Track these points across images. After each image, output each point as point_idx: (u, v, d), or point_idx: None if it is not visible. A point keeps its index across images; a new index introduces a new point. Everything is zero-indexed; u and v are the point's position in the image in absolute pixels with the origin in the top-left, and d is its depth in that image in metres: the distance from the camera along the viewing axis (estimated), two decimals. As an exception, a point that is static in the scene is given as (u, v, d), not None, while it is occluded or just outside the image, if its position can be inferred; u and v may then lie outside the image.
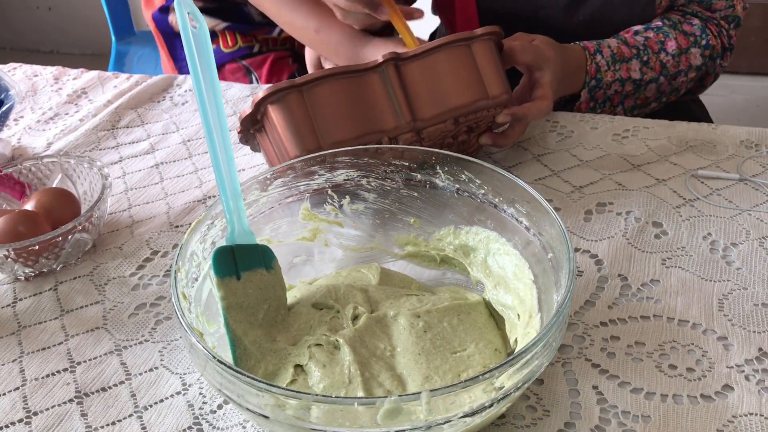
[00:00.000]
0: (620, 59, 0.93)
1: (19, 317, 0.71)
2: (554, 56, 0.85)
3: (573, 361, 0.61)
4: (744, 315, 0.64)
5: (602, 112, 0.97)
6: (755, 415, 0.55)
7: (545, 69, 0.84)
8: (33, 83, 1.16)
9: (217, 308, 0.58)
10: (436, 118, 0.76)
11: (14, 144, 1.00)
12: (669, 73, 0.96)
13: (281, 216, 0.68)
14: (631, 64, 0.94)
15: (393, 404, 0.44)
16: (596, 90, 0.94)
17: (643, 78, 0.95)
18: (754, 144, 0.87)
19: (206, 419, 0.59)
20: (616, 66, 0.93)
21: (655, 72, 0.96)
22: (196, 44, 0.53)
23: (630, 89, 0.96)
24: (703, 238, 0.73)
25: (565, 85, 0.91)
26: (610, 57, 0.93)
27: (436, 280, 0.70)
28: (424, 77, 0.76)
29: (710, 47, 0.99)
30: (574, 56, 0.92)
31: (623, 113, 0.99)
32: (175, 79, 1.13)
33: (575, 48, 0.92)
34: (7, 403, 0.62)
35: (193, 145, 0.97)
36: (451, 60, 0.77)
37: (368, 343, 0.58)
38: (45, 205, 0.77)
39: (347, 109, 0.74)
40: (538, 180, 0.84)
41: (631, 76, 0.94)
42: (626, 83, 0.95)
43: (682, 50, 0.97)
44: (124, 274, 0.75)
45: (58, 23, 3.20)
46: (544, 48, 0.85)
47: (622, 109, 0.99)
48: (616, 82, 0.94)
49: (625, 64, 0.94)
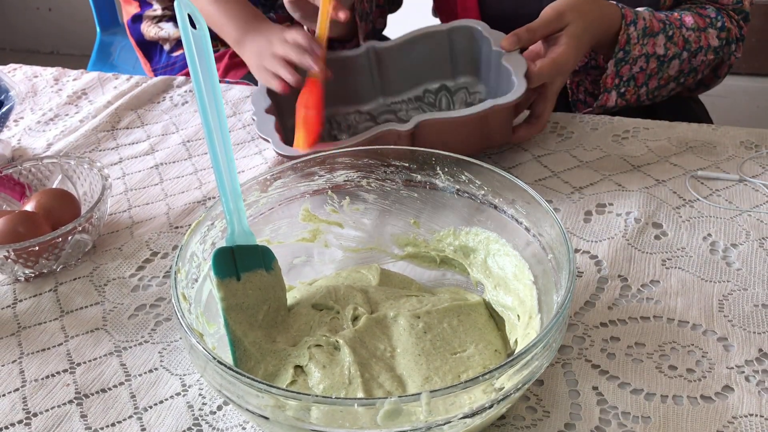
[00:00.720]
0: (650, 33, 0.91)
1: (19, 318, 0.71)
2: (573, 63, 0.85)
3: (573, 362, 0.61)
4: (744, 316, 0.64)
5: (626, 92, 0.94)
6: (755, 416, 0.55)
7: (557, 80, 0.85)
8: (33, 84, 1.16)
9: (217, 309, 0.58)
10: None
11: (14, 145, 1.00)
12: (691, 48, 0.94)
13: (281, 217, 0.68)
14: (658, 39, 0.92)
15: (393, 405, 0.44)
16: (622, 64, 0.91)
17: (667, 53, 0.93)
18: (754, 145, 0.87)
19: (206, 420, 0.59)
20: (644, 40, 0.90)
21: (678, 47, 0.93)
22: (196, 45, 0.53)
23: (654, 67, 0.93)
24: (703, 239, 0.73)
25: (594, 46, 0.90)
26: (641, 30, 0.90)
27: (436, 281, 0.70)
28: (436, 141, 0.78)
29: (726, 29, 0.97)
30: (610, 17, 0.88)
31: (645, 95, 0.96)
32: (175, 80, 1.13)
33: (613, 9, 0.89)
34: (7, 404, 0.62)
35: (193, 146, 0.97)
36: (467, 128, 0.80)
37: (368, 344, 0.58)
38: (45, 206, 0.77)
39: None
40: (538, 181, 0.84)
41: (656, 52, 0.92)
42: (651, 59, 0.92)
43: (700, 28, 0.95)
44: (123, 275, 0.75)
45: (58, 24, 3.20)
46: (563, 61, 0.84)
47: (646, 91, 0.96)
48: (641, 58, 0.91)
49: (652, 39, 0.91)
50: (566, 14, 0.84)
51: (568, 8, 0.85)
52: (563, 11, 0.85)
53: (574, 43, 0.84)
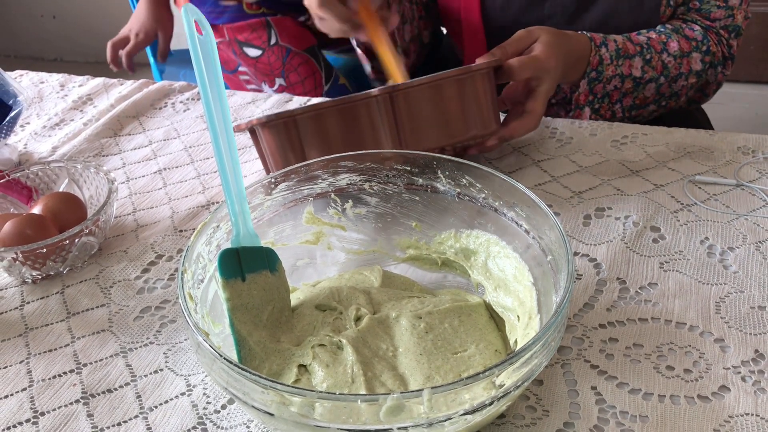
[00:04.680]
0: (624, 55, 0.93)
1: (26, 319, 0.72)
2: (555, 65, 0.85)
3: (572, 363, 0.62)
4: (740, 317, 0.65)
5: (600, 108, 0.96)
6: (751, 415, 0.56)
7: (544, 79, 0.84)
8: (39, 90, 1.17)
9: (222, 309, 0.59)
10: (423, 149, 0.76)
11: (20, 149, 1.01)
12: (670, 74, 0.96)
13: (285, 219, 0.69)
14: (634, 61, 0.94)
15: (395, 401, 0.45)
16: (596, 83, 0.93)
17: (644, 76, 0.95)
18: (751, 150, 0.88)
19: (210, 419, 0.60)
20: (618, 61, 0.93)
21: (656, 72, 0.95)
22: (203, 51, 0.54)
23: (629, 87, 0.95)
24: (700, 243, 0.74)
25: (566, 74, 0.91)
26: (614, 51, 0.92)
27: (438, 283, 0.71)
28: (415, 112, 0.76)
29: (711, 54, 0.99)
30: (580, 46, 0.91)
31: (621, 112, 0.98)
32: (175, 86, 1.15)
33: (582, 38, 0.91)
34: (15, 403, 0.63)
35: (195, 152, 0.99)
36: (444, 96, 0.77)
37: (371, 343, 0.59)
38: (52, 209, 0.78)
39: (336, 139, 0.75)
40: (538, 185, 0.85)
41: (632, 73, 0.94)
42: (626, 80, 0.94)
43: (684, 53, 0.96)
44: (129, 278, 0.76)
45: (62, 31, 3.22)
46: (544, 59, 0.84)
47: (621, 108, 0.98)
48: (616, 78, 0.93)
49: (628, 61, 0.93)
50: (535, 31, 0.87)
51: (536, 27, 0.87)
52: (532, 29, 0.87)
53: (549, 48, 0.85)
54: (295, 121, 0.75)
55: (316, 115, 0.75)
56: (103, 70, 2.21)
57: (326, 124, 0.75)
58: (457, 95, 0.78)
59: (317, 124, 0.75)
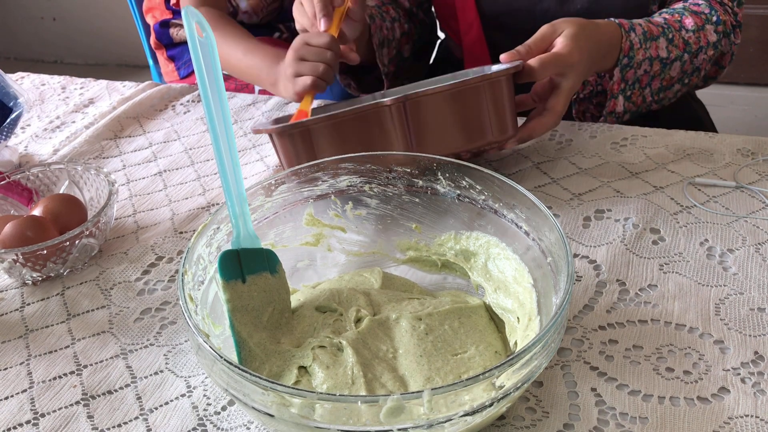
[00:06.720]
0: (650, 37, 0.92)
1: (26, 321, 0.72)
2: (579, 59, 0.83)
3: (572, 364, 0.62)
4: (740, 319, 0.65)
5: (632, 95, 0.94)
6: (750, 416, 0.56)
7: (568, 75, 0.83)
8: (40, 92, 1.17)
9: (222, 311, 0.59)
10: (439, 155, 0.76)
11: (21, 151, 1.02)
12: (692, 50, 0.95)
13: (285, 221, 0.69)
14: (659, 42, 0.93)
15: (395, 402, 0.45)
16: (627, 69, 0.91)
17: (669, 56, 0.94)
18: (751, 152, 0.88)
19: (210, 420, 0.60)
20: (647, 44, 0.91)
21: (680, 50, 0.94)
22: (203, 53, 0.54)
23: (657, 69, 0.94)
24: (700, 244, 0.74)
25: (599, 64, 0.89)
26: (641, 35, 0.91)
27: (437, 285, 0.71)
28: (430, 121, 0.76)
29: (722, 22, 0.98)
30: (609, 34, 0.89)
31: (650, 96, 0.96)
32: (176, 88, 1.15)
33: (611, 25, 0.90)
34: (15, 404, 0.63)
35: (195, 154, 0.99)
36: (461, 104, 0.77)
37: (371, 345, 0.59)
38: (52, 211, 0.78)
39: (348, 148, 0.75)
40: (537, 187, 0.85)
41: (659, 55, 0.93)
42: (654, 62, 0.93)
43: (698, 27, 0.96)
44: (129, 279, 0.76)
45: (62, 33, 3.23)
46: (566, 54, 0.82)
47: (650, 91, 0.97)
48: (645, 61, 0.92)
49: (654, 42, 0.92)
50: (559, 25, 0.85)
51: (561, 20, 0.86)
52: (556, 23, 0.86)
53: (573, 42, 0.83)
54: (309, 130, 0.76)
55: (331, 125, 0.76)
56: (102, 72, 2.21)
57: (343, 131, 0.76)
58: (474, 103, 0.77)
59: (332, 132, 0.76)
